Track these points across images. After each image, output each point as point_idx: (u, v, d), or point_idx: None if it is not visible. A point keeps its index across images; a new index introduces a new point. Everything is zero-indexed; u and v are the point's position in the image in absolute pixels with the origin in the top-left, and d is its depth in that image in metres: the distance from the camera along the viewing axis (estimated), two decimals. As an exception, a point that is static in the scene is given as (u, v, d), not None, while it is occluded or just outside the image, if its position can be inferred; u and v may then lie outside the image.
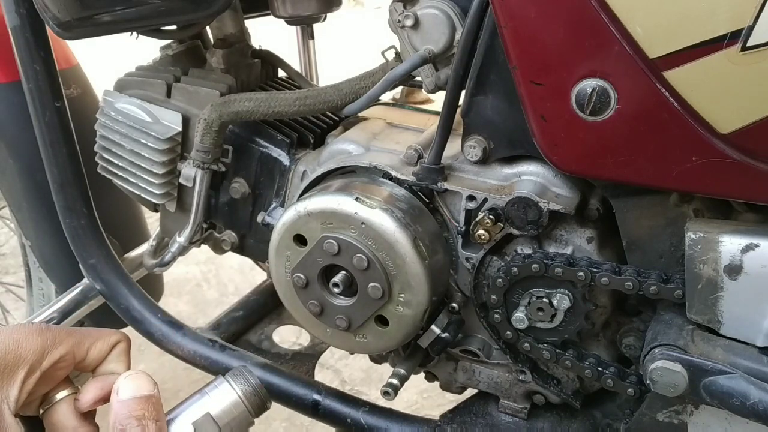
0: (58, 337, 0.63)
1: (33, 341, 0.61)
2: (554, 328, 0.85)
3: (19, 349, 0.60)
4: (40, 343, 0.61)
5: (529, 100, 0.75)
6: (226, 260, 2.42)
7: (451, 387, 1.03)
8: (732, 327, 0.74)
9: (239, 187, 1.07)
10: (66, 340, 0.64)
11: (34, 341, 0.61)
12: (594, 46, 0.68)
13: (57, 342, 0.63)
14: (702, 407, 0.79)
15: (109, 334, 0.68)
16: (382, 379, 0.95)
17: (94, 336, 0.66)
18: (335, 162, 0.95)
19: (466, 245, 0.88)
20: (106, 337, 0.67)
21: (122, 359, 0.68)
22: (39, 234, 1.39)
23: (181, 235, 1.09)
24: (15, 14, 1.03)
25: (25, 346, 0.60)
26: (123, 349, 0.68)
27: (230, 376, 0.70)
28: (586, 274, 0.79)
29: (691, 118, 0.67)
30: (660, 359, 0.73)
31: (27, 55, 1.05)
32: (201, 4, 0.96)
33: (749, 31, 0.61)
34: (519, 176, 0.85)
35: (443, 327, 0.91)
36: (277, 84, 1.21)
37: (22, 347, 0.60)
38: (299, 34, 1.39)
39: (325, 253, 0.85)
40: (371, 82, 0.96)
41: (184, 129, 1.05)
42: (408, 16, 0.88)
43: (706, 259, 0.72)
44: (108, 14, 0.95)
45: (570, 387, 0.93)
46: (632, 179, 0.74)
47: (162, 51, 1.17)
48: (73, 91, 1.37)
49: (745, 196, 0.71)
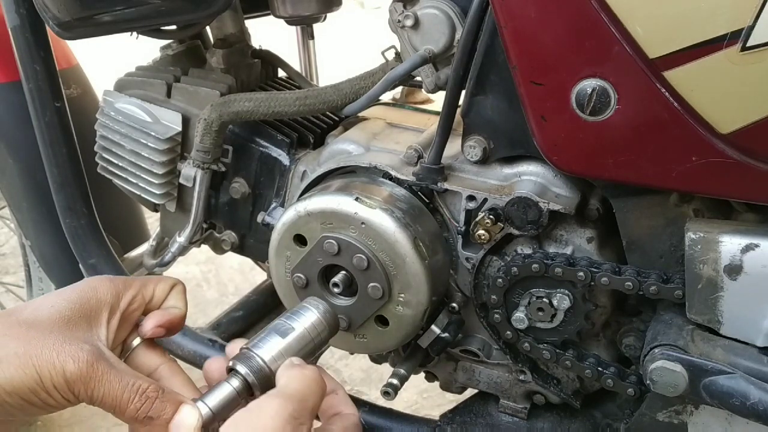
0: (126, 282, 0.68)
1: (107, 286, 0.66)
2: (554, 328, 0.85)
3: (97, 294, 0.65)
4: (113, 288, 0.66)
5: (529, 100, 0.75)
6: (226, 260, 2.42)
7: (451, 387, 1.03)
8: (732, 327, 0.74)
9: (239, 187, 1.07)
10: (133, 284, 0.69)
11: (108, 286, 0.66)
12: (594, 46, 0.68)
13: (126, 286, 0.68)
14: (702, 407, 0.79)
15: (167, 278, 0.72)
16: (382, 379, 0.95)
17: (154, 280, 0.71)
18: (335, 162, 0.95)
19: (466, 245, 0.88)
20: (165, 280, 0.72)
21: (180, 297, 0.72)
22: (39, 234, 1.39)
23: (181, 235, 1.09)
24: (15, 14, 1.03)
25: (102, 290, 0.65)
26: (181, 289, 0.73)
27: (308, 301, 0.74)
28: (586, 274, 0.79)
29: (691, 118, 0.67)
30: (660, 359, 0.73)
31: (27, 55, 1.06)
32: (201, 4, 0.96)
33: (749, 31, 0.61)
34: (519, 176, 0.85)
35: (443, 327, 0.91)
36: (277, 84, 1.21)
37: (100, 292, 0.65)
38: (299, 34, 1.38)
39: (325, 253, 0.85)
40: (371, 82, 0.97)
41: (184, 129, 1.05)
42: (408, 16, 0.88)
43: (706, 259, 0.72)
44: (108, 14, 0.95)
45: (570, 387, 0.93)
46: (632, 179, 0.74)
47: (162, 51, 1.17)
48: (73, 91, 1.37)
49: (745, 196, 0.71)
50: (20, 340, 0.58)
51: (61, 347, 0.58)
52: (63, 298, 0.63)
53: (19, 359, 0.57)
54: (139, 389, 0.60)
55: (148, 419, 0.60)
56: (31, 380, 0.56)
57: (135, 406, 0.59)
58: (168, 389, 0.62)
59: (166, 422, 0.60)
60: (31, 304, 0.63)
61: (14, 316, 0.61)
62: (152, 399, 0.60)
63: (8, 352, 0.57)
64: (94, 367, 0.58)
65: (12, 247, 2.52)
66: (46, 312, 0.61)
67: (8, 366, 0.56)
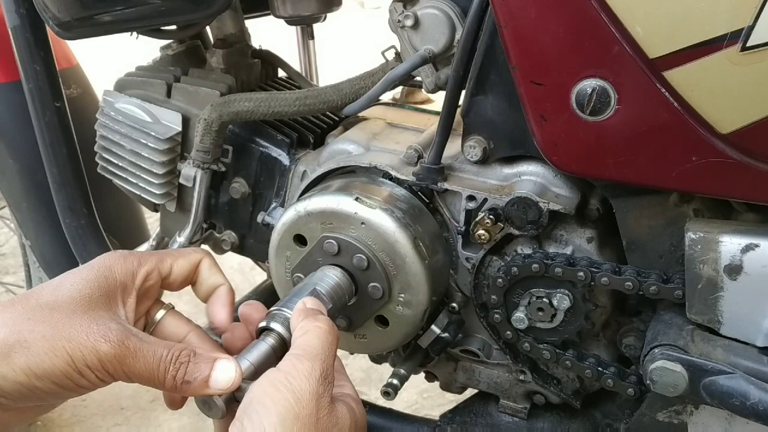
0: (141, 258, 0.68)
1: (121, 265, 0.66)
2: (554, 328, 0.85)
3: (113, 273, 0.65)
4: (127, 266, 0.67)
5: (529, 100, 0.75)
6: (226, 260, 2.41)
7: (451, 387, 1.03)
8: (732, 327, 0.74)
9: (239, 187, 1.07)
10: (149, 259, 0.69)
11: (122, 265, 0.66)
12: (594, 46, 0.68)
13: (142, 262, 0.68)
14: (702, 407, 0.79)
15: (189, 252, 0.72)
16: (382, 379, 0.95)
17: (174, 254, 0.71)
18: (335, 162, 0.95)
19: (466, 245, 0.88)
20: (186, 255, 0.72)
21: (217, 270, 0.73)
22: (39, 234, 1.39)
23: (181, 235, 1.09)
24: (15, 14, 1.03)
25: (117, 269, 0.66)
26: (212, 263, 0.73)
27: (326, 267, 0.81)
28: (586, 274, 0.79)
29: (691, 118, 0.67)
30: (660, 359, 0.73)
31: (27, 55, 1.05)
32: (201, 4, 0.96)
33: (749, 31, 0.61)
34: (519, 176, 0.85)
35: (443, 327, 0.91)
36: (277, 84, 1.21)
37: (115, 271, 0.65)
38: (299, 34, 1.38)
39: (325, 253, 0.85)
40: (371, 82, 0.96)
41: (184, 129, 1.05)
42: (408, 16, 0.88)
43: (706, 259, 0.72)
44: (108, 14, 0.95)
45: (570, 387, 0.93)
46: (632, 179, 0.74)
47: (162, 51, 1.17)
48: (73, 91, 1.37)
49: (745, 196, 0.71)
50: (46, 323, 0.58)
51: (89, 328, 0.58)
52: (81, 278, 0.63)
53: (47, 342, 0.57)
54: (171, 358, 0.60)
55: (185, 384, 0.61)
56: (64, 363, 0.57)
57: (171, 375, 0.60)
58: (200, 350, 0.63)
59: (205, 381, 0.61)
60: (47, 286, 0.63)
61: (33, 298, 0.61)
62: (185, 363, 0.61)
63: (35, 336, 0.57)
64: (125, 344, 0.58)
65: (12, 247, 2.52)
66: (66, 293, 0.61)
67: (37, 350, 0.56)
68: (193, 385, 0.61)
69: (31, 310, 0.59)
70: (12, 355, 0.56)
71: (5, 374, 0.56)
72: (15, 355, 0.56)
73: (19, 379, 0.56)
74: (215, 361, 0.62)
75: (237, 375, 0.62)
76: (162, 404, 1.82)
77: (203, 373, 0.61)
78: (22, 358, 0.56)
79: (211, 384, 0.61)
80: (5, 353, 0.56)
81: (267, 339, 0.67)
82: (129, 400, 1.90)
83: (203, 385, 0.61)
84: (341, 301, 0.80)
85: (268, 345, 0.67)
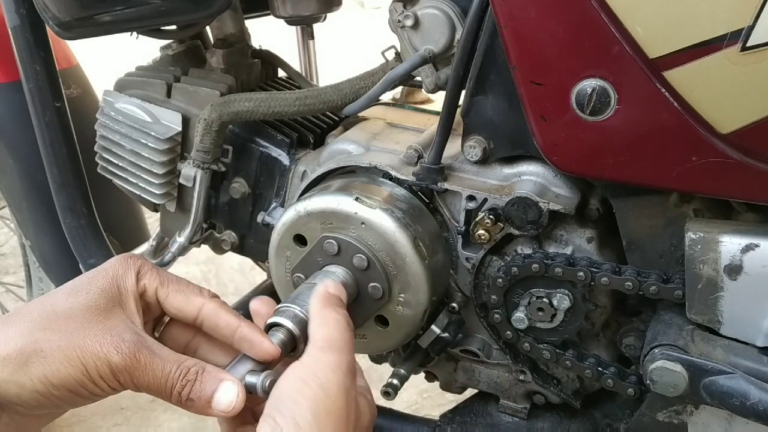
0: (142, 269, 0.68)
1: (130, 276, 0.66)
2: (554, 328, 0.85)
3: (125, 282, 0.66)
4: (131, 274, 0.67)
5: (529, 100, 0.75)
6: (226, 260, 2.42)
7: (451, 387, 1.03)
8: (732, 327, 0.74)
9: (239, 187, 1.07)
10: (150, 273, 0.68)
11: (130, 274, 0.66)
12: (594, 46, 0.68)
13: (142, 273, 0.68)
14: (702, 407, 0.79)
15: (193, 293, 0.69)
16: (382, 379, 0.95)
17: (174, 286, 0.69)
18: (335, 162, 0.95)
19: (466, 245, 0.88)
20: (189, 294, 0.69)
21: (228, 311, 0.69)
22: (39, 234, 1.39)
23: (181, 235, 1.09)
24: (15, 14, 1.03)
25: (127, 279, 0.66)
26: (218, 305, 0.69)
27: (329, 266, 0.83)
28: (586, 274, 0.79)
29: (691, 118, 0.67)
30: (660, 359, 0.73)
31: (27, 55, 1.05)
32: (201, 4, 0.96)
33: (749, 31, 0.61)
34: (519, 176, 0.85)
35: (443, 327, 0.91)
36: (277, 84, 1.21)
37: (127, 278, 0.66)
38: (299, 34, 1.38)
39: (325, 253, 0.85)
40: (371, 82, 0.96)
41: (184, 129, 1.05)
42: (408, 16, 0.88)
43: (706, 259, 0.72)
44: (108, 14, 0.95)
45: (570, 387, 0.93)
46: (632, 179, 0.74)
47: (162, 51, 1.17)
48: (73, 91, 1.37)
49: (745, 196, 0.71)
50: (62, 333, 0.59)
51: (103, 338, 0.59)
52: (96, 286, 0.64)
53: (63, 352, 0.58)
54: (180, 374, 0.61)
55: (189, 401, 0.62)
56: (78, 372, 0.58)
57: (177, 391, 0.61)
58: (209, 368, 0.63)
59: (208, 402, 0.62)
60: (61, 293, 0.64)
61: (50, 306, 0.62)
62: (191, 381, 0.61)
63: (51, 345, 0.58)
64: (136, 357, 0.60)
65: (12, 247, 2.52)
66: (82, 300, 0.62)
67: (53, 360, 0.58)
68: (197, 404, 0.62)
69: (47, 318, 0.60)
70: (29, 365, 0.58)
71: (23, 383, 0.58)
72: (32, 365, 0.58)
73: (37, 387, 0.58)
74: (220, 383, 0.63)
75: (239, 400, 0.62)
76: (162, 404, 1.83)
77: (207, 394, 0.62)
78: (39, 367, 0.58)
79: (213, 405, 0.62)
80: (23, 363, 0.58)
81: (276, 335, 0.68)
82: (129, 400, 1.90)
83: (206, 405, 0.62)
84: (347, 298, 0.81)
85: (278, 342, 0.68)
